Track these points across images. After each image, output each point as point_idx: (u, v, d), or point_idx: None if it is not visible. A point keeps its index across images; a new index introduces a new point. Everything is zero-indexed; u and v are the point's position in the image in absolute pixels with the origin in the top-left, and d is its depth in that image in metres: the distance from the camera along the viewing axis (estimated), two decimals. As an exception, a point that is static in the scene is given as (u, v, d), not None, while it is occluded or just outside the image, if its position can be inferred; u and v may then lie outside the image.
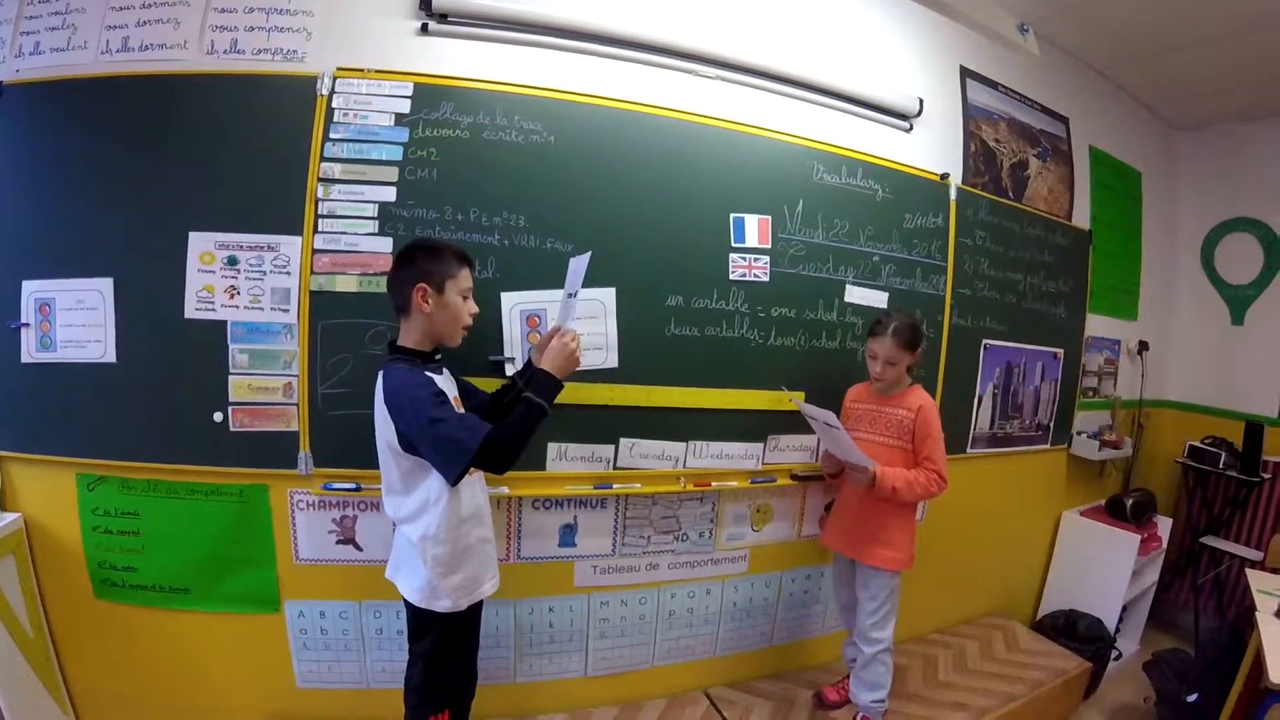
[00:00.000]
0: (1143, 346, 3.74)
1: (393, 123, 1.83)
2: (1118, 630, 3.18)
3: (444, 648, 1.64)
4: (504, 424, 1.48)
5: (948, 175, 2.61)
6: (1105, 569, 3.20)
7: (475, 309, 1.62)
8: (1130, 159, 3.61)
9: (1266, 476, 3.49)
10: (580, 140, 1.97)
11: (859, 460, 2.02)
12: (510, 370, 1.94)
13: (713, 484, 2.24)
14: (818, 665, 2.64)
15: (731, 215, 2.17)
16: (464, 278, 1.58)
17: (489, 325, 1.89)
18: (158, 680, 1.94)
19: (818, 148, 2.31)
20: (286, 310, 1.81)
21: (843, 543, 2.26)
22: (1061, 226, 3.12)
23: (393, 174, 1.83)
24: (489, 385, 1.88)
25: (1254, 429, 3.43)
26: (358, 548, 1.95)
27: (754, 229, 2.20)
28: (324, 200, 1.81)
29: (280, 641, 1.97)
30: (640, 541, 2.24)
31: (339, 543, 1.95)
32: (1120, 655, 3.26)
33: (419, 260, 1.54)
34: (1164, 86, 3.49)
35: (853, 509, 2.22)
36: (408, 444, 1.48)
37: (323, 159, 1.80)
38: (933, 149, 2.63)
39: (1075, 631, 3.11)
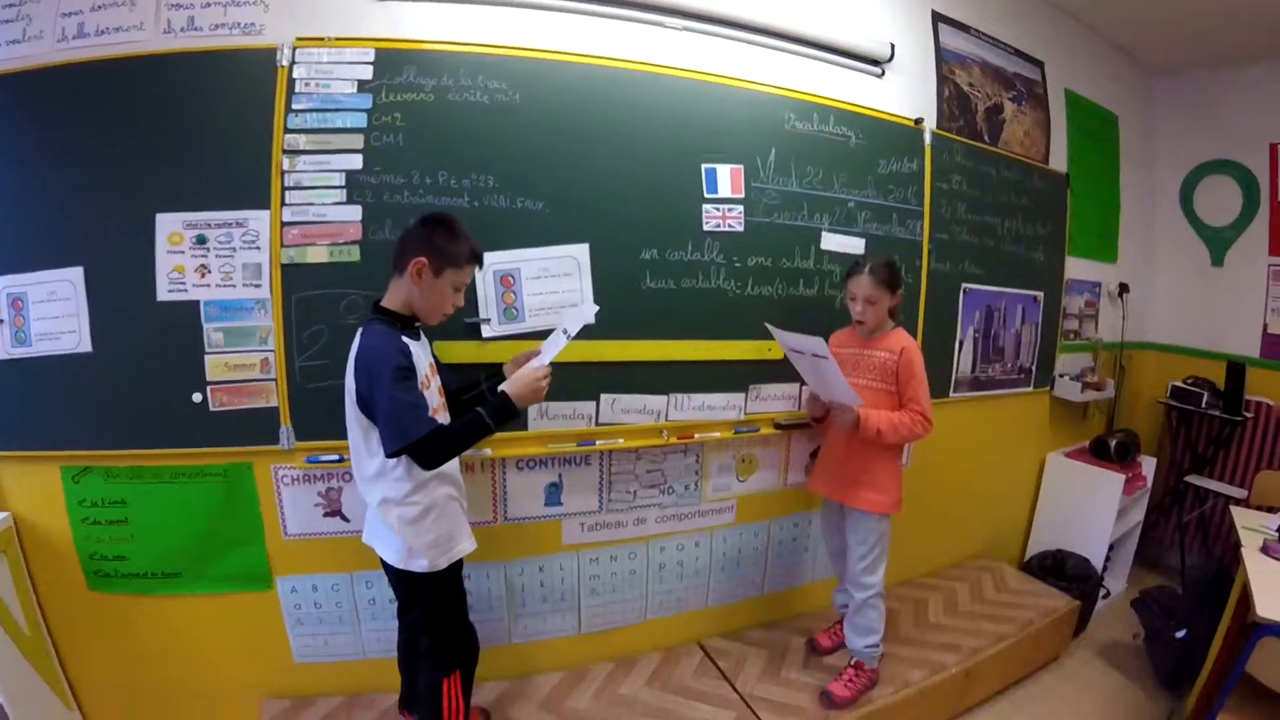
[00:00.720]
0: (1123, 289, 3.75)
1: (355, 90, 1.80)
2: (1105, 569, 3.23)
3: (437, 610, 1.66)
4: (450, 429, 1.52)
5: (922, 120, 2.59)
6: (1091, 509, 3.24)
7: (461, 303, 1.63)
8: (1107, 102, 3.59)
9: (1249, 415, 3.53)
10: (547, 97, 1.95)
11: (845, 397, 1.99)
12: (486, 331, 1.94)
13: (696, 436, 2.25)
14: (809, 612, 2.68)
15: (703, 166, 2.15)
16: (466, 274, 1.59)
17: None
18: (158, 666, 1.94)
19: (789, 96, 2.28)
20: (259, 286, 1.79)
21: (829, 487, 2.26)
22: (1038, 170, 3.12)
23: (358, 141, 1.81)
24: (462, 349, 1.89)
25: (1236, 368, 3.45)
26: (345, 519, 1.95)
27: (726, 179, 2.18)
28: (290, 172, 1.78)
29: (275, 618, 1.98)
30: (626, 496, 2.25)
31: (326, 515, 1.95)
32: (1108, 594, 3.31)
33: (435, 236, 1.54)
34: (1140, 29, 3.45)
35: (838, 452, 2.23)
36: (364, 404, 1.48)
37: (286, 131, 1.77)
38: (906, 94, 2.60)
39: (1063, 571, 3.15)
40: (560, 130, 1.97)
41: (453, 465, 1.68)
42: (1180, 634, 2.70)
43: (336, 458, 1.85)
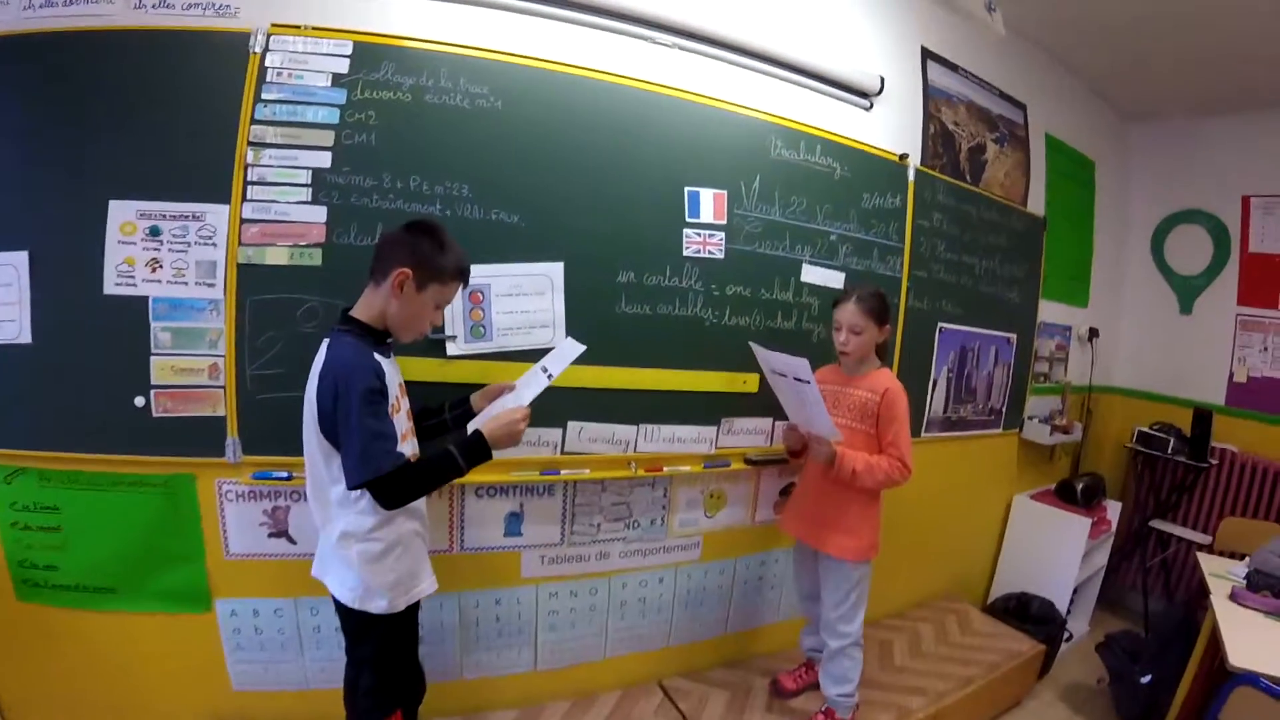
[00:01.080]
0: (1093, 333, 3.80)
1: (330, 83, 1.71)
2: (1069, 612, 3.22)
3: (388, 649, 1.54)
4: (419, 467, 1.41)
5: (907, 156, 2.57)
6: (1057, 551, 3.24)
7: (440, 322, 1.54)
8: (1085, 148, 3.65)
9: (1214, 462, 3.57)
10: (529, 106, 1.87)
11: (824, 428, 1.91)
12: (451, 349, 1.85)
13: (664, 468, 2.17)
14: (773, 652, 2.60)
15: (686, 189, 2.09)
16: (450, 291, 1.49)
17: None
18: (87, 687, 1.79)
19: (777, 122, 2.25)
20: (212, 285, 1.68)
21: (802, 529, 2.18)
22: (1017, 212, 3.13)
23: (328, 138, 1.71)
24: (424, 366, 1.80)
25: (1203, 415, 3.50)
26: (291, 541, 1.83)
27: (709, 204, 2.13)
28: (254, 166, 1.67)
29: (213, 642, 1.84)
30: (590, 529, 2.16)
31: (271, 535, 1.82)
32: (1071, 636, 3.30)
33: (423, 244, 1.42)
34: (1120, 75, 3.52)
35: (813, 493, 2.15)
36: (328, 427, 1.36)
37: (253, 121, 1.67)
38: (892, 129, 2.59)
39: (1028, 613, 3.13)
40: (540, 141, 1.89)
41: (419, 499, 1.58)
42: (1145, 679, 2.69)
43: (285, 474, 1.74)
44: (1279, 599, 2.26)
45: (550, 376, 1.64)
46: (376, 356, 1.40)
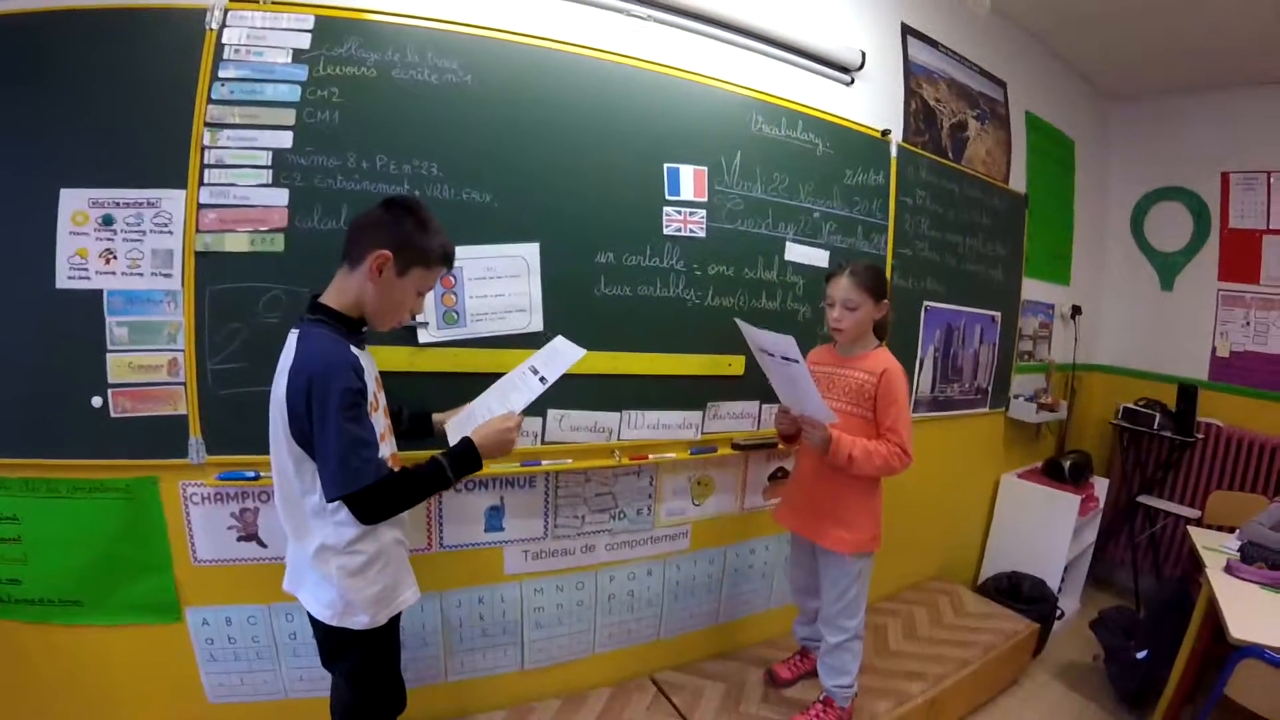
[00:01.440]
0: (1076, 311, 3.79)
1: (290, 60, 1.61)
2: (1060, 589, 3.21)
3: (369, 665, 1.44)
4: (405, 479, 1.30)
5: (889, 132, 2.53)
6: (1046, 530, 3.23)
7: (420, 310, 1.44)
8: (1065, 126, 3.64)
9: (1200, 437, 3.59)
10: (500, 81, 1.79)
11: (817, 410, 1.79)
12: (423, 336, 1.76)
13: (649, 456, 2.11)
14: (767, 641, 2.56)
15: (665, 166, 2.03)
16: (433, 276, 1.38)
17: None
18: (60, 702, 1.69)
19: (757, 97, 2.19)
20: (169, 275, 1.58)
21: (798, 521, 2.08)
22: (999, 190, 3.11)
23: (289, 116, 1.61)
24: (393, 355, 1.71)
25: (1187, 390, 3.52)
26: (261, 544, 1.73)
27: (689, 181, 2.06)
28: (211, 148, 1.58)
29: (186, 653, 1.74)
30: (574, 522, 2.09)
31: (240, 539, 1.72)
32: (1063, 614, 3.29)
33: (404, 225, 1.31)
34: (1100, 56, 3.52)
35: (808, 482, 2.05)
36: (301, 431, 1.24)
37: (210, 101, 1.57)
38: (874, 105, 2.55)
39: (1019, 593, 3.12)
40: (513, 118, 1.81)
41: None
42: (1141, 654, 2.68)
43: (252, 474, 1.64)
44: (1275, 570, 2.27)
45: (544, 381, 1.55)
46: (353, 349, 1.29)
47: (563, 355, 1.58)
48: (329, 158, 1.65)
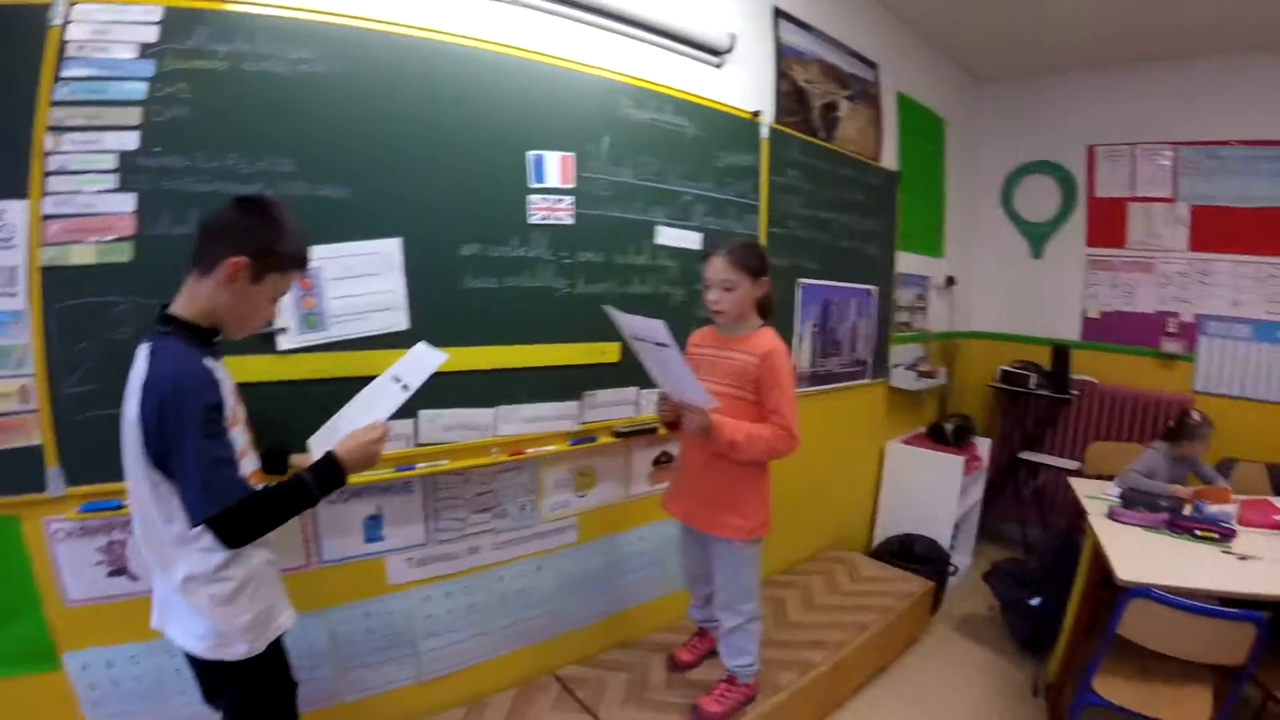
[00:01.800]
0: (950, 281, 3.98)
1: (137, 55, 1.46)
2: (952, 547, 3.36)
3: (254, 696, 1.35)
4: (267, 498, 1.20)
5: (759, 113, 2.55)
6: (934, 491, 3.38)
7: (275, 316, 1.36)
8: (936, 106, 3.80)
9: (1075, 394, 3.82)
10: (357, 71, 1.69)
11: (695, 395, 1.74)
12: (283, 342, 1.65)
13: (528, 451, 2.06)
14: (667, 625, 2.56)
15: (530, 153, 1.97)
16: (289, 281, 1.29)
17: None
18: None
19: (625, 81, 2.15)
20: (13, 294, 1.40)
21: (685, 509, 2.05)
22: (871, 167, 3.20)
23: (136, 115, 1.46)
24: (254, 365, 1.60)
25: (1061, 351, 3.75)
26: (132, 578, 1.57)
27: (556, 167, 2.01)
28: (54, 154, 1.41)
29: (69, 702, 1.56)
30: (456, 524, 2.02)
31: (111, 574, 1.56)
32: (957, 570, 3.45)
33: (260, 228, 1.21)
34: (969, 39, 3.68)
35: (694, 469, 2.00)
36: (157, 452, 1.15)
37: (53, 104, 1.41)
38: (744, 87, 2.56)
39: (913, 554, 3.25)
40: (371, 109, 1.71)
41: None
42: (1035, 601, 2.85)
43: (116, 503, 1.49)
44: (1155, 513, 2.44)
45: (407, 389, 1.48)
46: (207, 362, 1.19)
47: (424, 361, 1.51)
48: (178, 158, 1.51)
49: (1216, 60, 3.51)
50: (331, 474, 1.29)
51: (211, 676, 1.34)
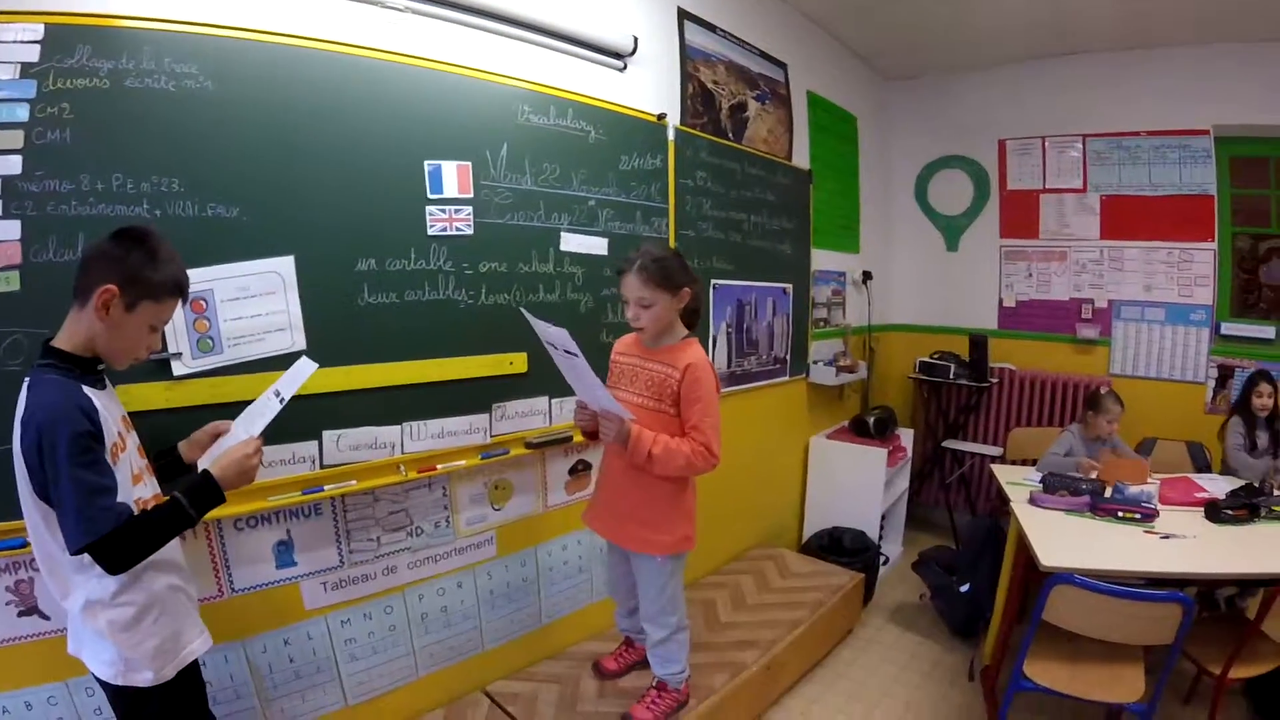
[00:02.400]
0: (867, 276, 4.08)
1: (18, 75, 1.38)
2: (881, 538, 3.43)
3: None
4: (144, 521, 1.20)
5: (665, 116, 2.56)
6: (859, 484, 3.45)
7: (158, 345, 1.32)
8: (847, 104, 3.88)
9: (995, 381, 3.95)
10: (245, 85, 1.63)
11: (608, 405, 1.71)
12: (177, 368, 1.58)
13: (438, 467, 2.01)
14: (595, 634, 2.54)
15: (426, 163, 1.93)
16: (167, 309, 1.26)
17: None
18: None
19: (523, 87, 2.13)
20: None
21: (606, 525, 2.02)
22: (782, 166, 3.25)
23: (18, 139, 1.38)
24: (149, 393, 1.53)
25: (978, 340, 3.86)
26: (44, 617, 1.51)
27: (453, 177, 1.97)
28: None
29: None
30: (370, 545, 1.96)
31: (21, 614, 1.49)
32: (888, 560, 3.53)
33: (132, 256, 1.19)
34: (876, 39, 3.78)
35: (613, 482, 1.98)
36: (40, 484, 1.15)
37: None
38: (649, 89, 2.57)
39: (842, 547, 3.31)
40: (259, 124, 1.65)
41: (175, 544, 1.36)
42: (964, 588, 2.91)
43: (19, 541, 1.39)
44: (1076, 496, 2.48)
45: (282, 400, 1.45)
46: (87, 391, 1.17)
47: (299, 371, 1.48)
48: (62, 181, 1.43)
49: (1121, 54, 3.68)
50: (207, 492, 1.28)
51: (124, 705, 1.33)
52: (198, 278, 1.59)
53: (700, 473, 1.82)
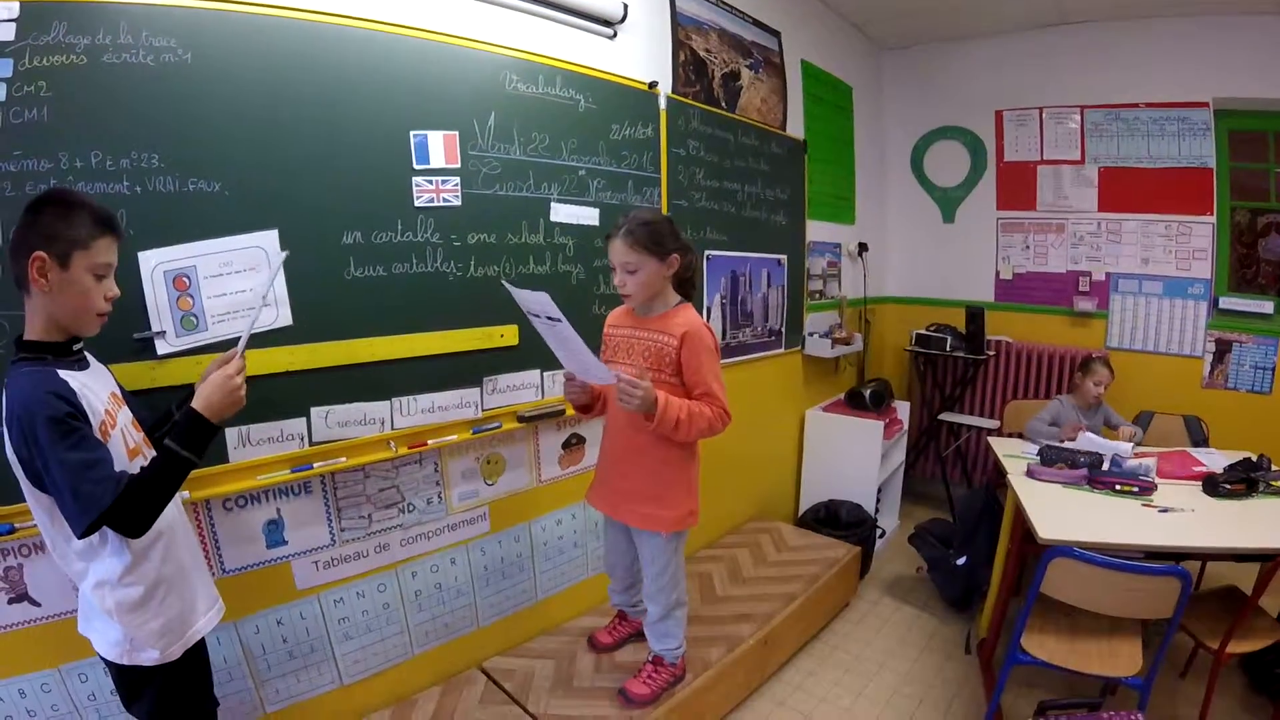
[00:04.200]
0: (862, 248, 4.04)
1: None
2: (877, 510, 3.43)
3: (169, 703, 1.35)
4: (140, 480, 1.20)
5: (656, 84, 2.50)
6: (855, 456, 3.44)
7: (115, 291, 1.26)
8: (841, 74, 3.81)
9: (991, 353, 3.93)
10: (225, 57, 1.58)
11: (596, 372, 1.67)
12: (161, 347, 1.55)
13: (429, 442, 1.99)
14: (592, 609, 2.54)
15: (412, 133, 1.88)
16: (101, 249, 1.21)
17: (128, 293, 1.45)
18: None
19: (511, 55, 2.07)
20: None
21: (607, 502, 1.99)
22: (776, 136, 3.20)
23: None
24: (135, 373, 1.50)
25: (975, 312, 3.83)
26: (34, 603, 1.49)
27: (440, 147, 1.93)
28: None
29: None
30: (361, 522, 1.94)
31: (11, 602, 1.48)
32: (884, 533, 3.53)
33: (44, 219, 1.16)
34: (871, 7, 3.70)
35: (613, 457, 1.96)
36: (34, 477, 1.15)
37: None
38: (640, 57, 2.51)
39: (838, 520, 3.31)
40: (241, 95, 1.61)
41: (179, 524, 1.38)
42: (960, 561, 2.91)
43: (8, 527, 1.39)
44: (1074, 469, 2.46)
45: (265, 303, 1.46)
46: (64, 374, 1.16)
47: (274, 266, 1.49)
48: (40, 161, 1.39)
49: (1120, 24, 3.61)
50: (196, 428, 1.27)
51: (127, 683, 1.35)
52: (180, 254, 1.57)
53: (718, 433, 1.80)
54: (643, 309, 1.89)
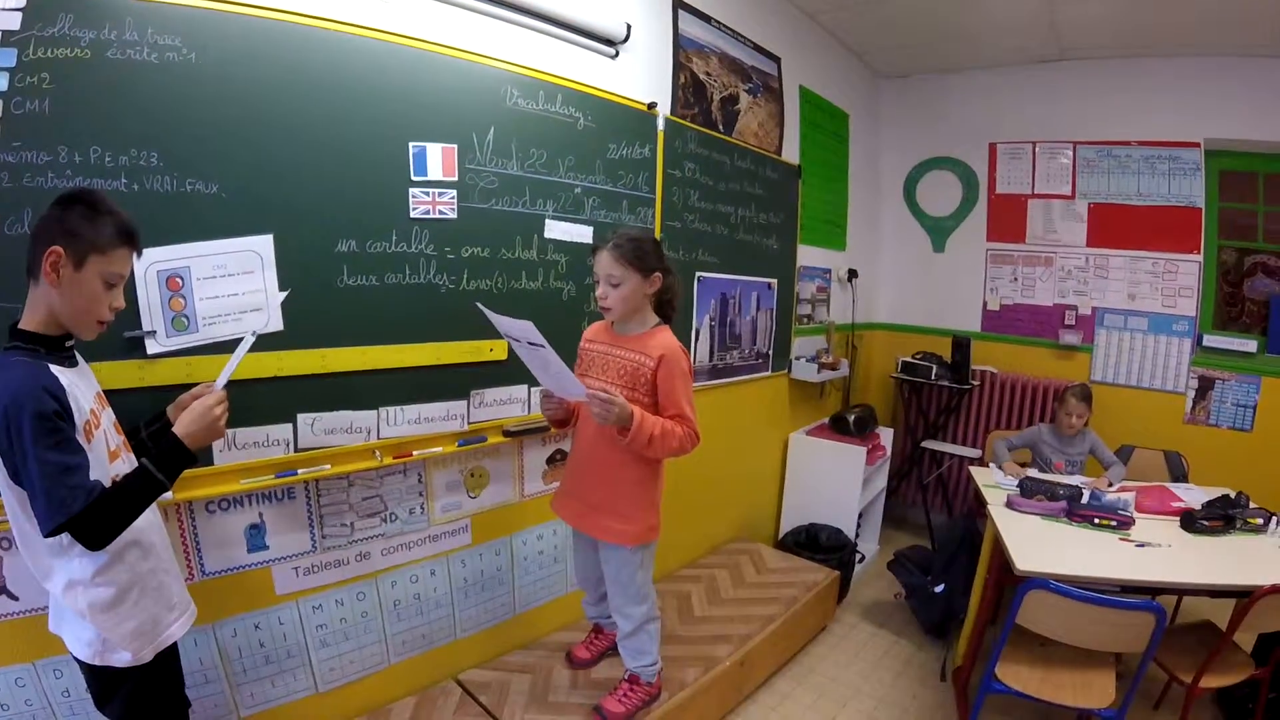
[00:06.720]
0: (852, 274, 4.08)
1: None
2: (857, 535, 3.45)
3: (141, 705, 1.35)
4: (113, 494, 1.20)
5: (655, 105, 2.53)
6: (838, 481, 3.45)
7: (121, 303, 1.27)
8: (839, 101, 3.87)
9: (976, 383, 3.96)
10: (229, 58, 1.58)
11: (574, 390, 1.69)
12: (151, 347, 1.54)
13: (414, 453, 1.98)
14: (569, 624, 2.54)
15: (411, 145, 1.89)
16: (117, 259, 1.22)
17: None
18: None
19: (513, 70, 2.09)
20: None
21: (573, 513, 2.02)
22: (772, 161, 3.24)
23: None
24: (122, 371, 1.49)
25: (961, 342, 3.86)
26: (12, 597, 1.48)
27: (438, 159, 1.94)
28: None
29: None
30: (343, 530, 1.94)
31: None
32: (864, 558, 3.54)
33: (70, 215, 1.18)
34: (871, 36, 3.77)
35: (582, 471, 1.98)
36: (11, 468, 1.14)
37: None
38: (640, 78, 2.54)
39: (818, 543, 3.32)
40: (242, 98, 1.61)
41: (155, 526, 1.37)
42: (939, 588, 2.92)
43: None
44: (1054, 501, 2.48)
45: (254, 334, 1.45)
46: (55, 370, 1.16)
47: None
48: (39, 153, 1.39)
49: (1116, 62, 3.69)
50: (176, 455, 1.28)
51: (100, 684, 1.34)
52: (174, 254, 1.57)
53: (686, 453, 1.84)
54: (621, 326, 1.92)
